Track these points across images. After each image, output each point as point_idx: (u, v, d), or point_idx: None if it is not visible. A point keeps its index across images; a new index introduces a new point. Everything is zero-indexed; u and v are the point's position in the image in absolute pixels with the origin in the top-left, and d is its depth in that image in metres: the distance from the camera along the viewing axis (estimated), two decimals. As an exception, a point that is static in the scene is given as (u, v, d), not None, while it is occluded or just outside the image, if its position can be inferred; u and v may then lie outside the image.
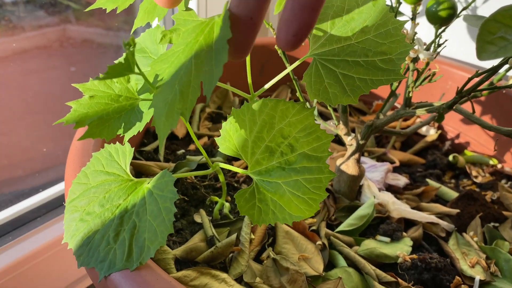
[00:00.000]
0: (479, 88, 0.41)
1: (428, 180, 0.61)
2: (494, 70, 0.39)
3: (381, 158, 0.66)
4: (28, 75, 0.77)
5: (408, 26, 0.57)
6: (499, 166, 0.64)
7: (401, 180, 0.60)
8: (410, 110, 0.48)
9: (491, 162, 0.65)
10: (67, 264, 0.73)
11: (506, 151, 0.64)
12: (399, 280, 0.43)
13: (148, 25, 0.45)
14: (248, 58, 0.38)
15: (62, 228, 0.38)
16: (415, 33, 0.45)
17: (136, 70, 0.29)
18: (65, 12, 0.82)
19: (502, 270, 0.47)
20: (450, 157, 0.65)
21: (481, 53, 0.25)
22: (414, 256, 0.46)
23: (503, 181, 0.61)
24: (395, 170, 0.64)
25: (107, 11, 0.39)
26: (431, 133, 0.70)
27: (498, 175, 0.63)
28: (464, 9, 0.49)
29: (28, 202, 0.73)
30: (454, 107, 0.45)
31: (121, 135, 0.38)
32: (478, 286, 0.45)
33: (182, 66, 0.28)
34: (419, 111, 0.46)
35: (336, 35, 0.35)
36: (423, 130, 0.71)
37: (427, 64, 0.47)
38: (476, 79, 0.57)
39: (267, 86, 0.38)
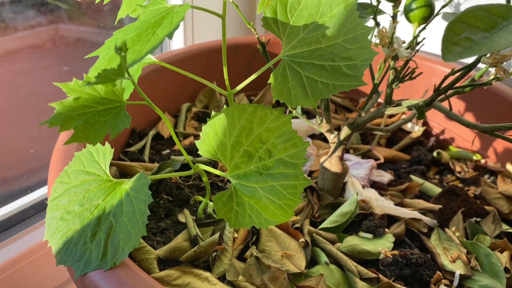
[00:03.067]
0: (456, 85, 0.42)
1: (412, 176, 0.62)
2: (468, 67, 0.39)
3: (366, 155, 0.67)
4: (21, 75, 0.77)
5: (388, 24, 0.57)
6: (482, 161, 0.65)
7: (385, 177, 0.61)
8: (390, 107, 0.48)
9: (474, 158, 0.65)
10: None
11: (489, 146, 0.65)
12: (380, 276, 0.44)
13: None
14: (224, 56, 0.38)
15: None
16: (394, 31, 0.45)
17: (127, 75, 0.30)
18: (57, 11, 0.81)
19: (482, 265, 0.47)
20: (435, 153, 0.65)
21: (446, 54, 0.26)
22: (396, 252, 0.47)
23: (486, 176, 0.62)
24: (380, 166, 0.65)
25: (96, 2, 0.40)
26: (416, 130, 0.70)
27: (481, 170, 0.63)
28: (443, 6, 0.50)
29: (17, 203, 0.73)
30: (432, 104, 0.45)
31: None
32: (458, 280, 0.46)
33: (127, 38, 0.31)
34: (399, 109, 0.47)
35: (308, 38, 0.36)
36: (408, 126, 0.72)
37: (407, 62, 0.47)
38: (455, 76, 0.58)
39: (242, 84, 0.38)
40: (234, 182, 0.37)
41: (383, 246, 0.48)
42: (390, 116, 0.73)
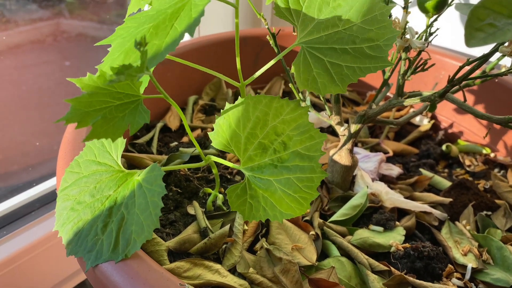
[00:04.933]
0: (470, 76, 0.41)
1: (421, 169, 0.61)
2: (484, 58, 0.39)
3: (374, 149, 0.66)
4: (22, 69, 0.77)
5: (400, 15, 0.57)
6: (492, 155, 0.65)
7: (395, 170, 0.61)
8: (402, 100, 0.48)
9: (484, 151, 0.65)
10: (63, 257, 0.72)
11: (499, 140, 0.64)
12: (392, 268, 0.44)
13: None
14: (237, 47, 0.38)
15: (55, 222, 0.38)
16: (407, 22, 0.44)
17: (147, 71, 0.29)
18: (58, 6, 0.81)
19: (494, 258, 0.47)
20: (443, 147, 0.65)
21: (470, 40, 0.25)
22: (407, 245, 0.46)
23: (496, 170, 0.62)
24: (389, 160, 0.64)
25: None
26: (425, 123, 0.70)
27: (491, 164, 0.63)
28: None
29: (22, 196, 0.73)
30: (445, 96, 0.45)
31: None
32: (470, 274, 0.45)
33: (142, 29, 0.30)
34: (411, 101, 0.46)
35: (324, 22, 0.35)
36: (417, 120, 0.71)
37: (419, 53, 0.47)
38: (468, 68, 0.58)
39: (256, 74, 0.38)
40: (248, 174, 0.37)
41: (394, 239, 0.47)
42: (398, 110, 0.72)
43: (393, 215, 0.51)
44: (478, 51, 0.71)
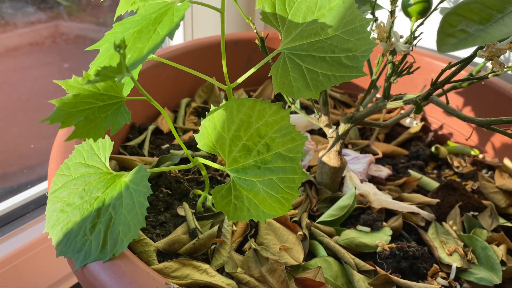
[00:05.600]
0: (452, 79, 0.42)
1: (410, 171, 0.62)
2: (465, 61, 0.39)
3: (364, 150, 0.67)
4: (21, 72, 0.77)
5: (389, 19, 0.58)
6: (480, 156, 0.65)
7: (384, 171, 0.61)
8: (388, 102, 0.48)
9: (472, 153, 0.66)
10: (58, 259, 0.73)
11: (487, 141, 0.65)
12: (378, 268, 0.44)
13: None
14: (223, 52, 0.39)
15: None
16: (392, 26, 0.45)
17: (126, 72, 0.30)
18: (56, 8, 0.82)
19: (479, 258, 0.48)
20: (433, 148, 0.66)
21: (441, 46, 0.26)
22: (393, 245, 0.47)
23: (484, 171, 0.63)
24: (379, 161, 0.65)
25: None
26: (415, 125, 0.71)
27: (479, 165, 0.64)
28: (441, 1, 0.50)
29: (18, 198, 0.74)
30: (430, 99, 0.45)
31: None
32: (455, 273, 0.46)
33: (128, 34, 0.31)
34: (396, 103, 0.47)
35: (307, 30, 0.36)
36: (407, 122, 0.72)
37: (404, 56, 0.48)
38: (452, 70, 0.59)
39: (240, 79, 0.39)
40: (233, 175, 0.38)
41: (381, 239, 0.48)
42: (389, 111, 0.73)
43: (381, 216, 0.52)
44: (466, 53, 0.72)
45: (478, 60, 0.67)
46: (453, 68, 0.42)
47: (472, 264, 0.47)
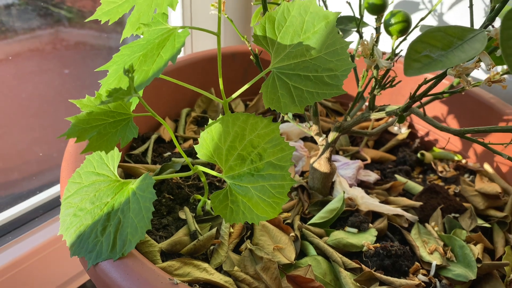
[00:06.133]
0: (430, 92, 0.46)
1: (397, 175, 0.66)
2: (439, 78, 0.44)
3: (355, 156, 0.71)
4: (21, 78, 0.78)
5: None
6: (463, 161, 0.69)
7: (372, 176, 0.65)
8: (372, 113, 0.53)
9: (456, 158, 0.70)
10: (65, 261, 0.77)
11: (470, 147, 0.69)
12: (363, 266, 0.48)
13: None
14: (219, 68, 0.43)
15: (59, 227, 0.43)
16: (374, 44, 0.49)
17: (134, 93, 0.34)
18: (57, 14, 0.82)
19: (457, 256, 0.52)
20: (418, 154, 0.70)
21: (408, 70, 0.30)
22: (377, 244, 0.51)
23: (466, 175, 0.67)
24: (368, 167, 0.69)
25: (102, 22, 0.44)
26: (402, 132, 0.75)
27: (462, 169, 0.68)
28: (421, 20, 0.54)
29: (27, 203, 0.78)
30: (410, 110, 0.50)
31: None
32: (434, 270, 0.50)
33: (134, 57, 0.35)
34: (379, 114, 0.51)
35: (294, 51, 0.40)
36: (395, 129, 0.76)
37: (387, 71, 0.52)
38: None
39: (235, 95, 0.43)
40: (229, 182, 0.42)
41: (367, 239, 0.52)
42: (377, 120, 0.77)
43: (367, 218, 0.56)
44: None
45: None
46: (429, 83, 0.46)
47: (450, 261, 0.51)
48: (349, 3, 0.54)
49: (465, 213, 0.59)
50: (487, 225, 0.57)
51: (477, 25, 0.41)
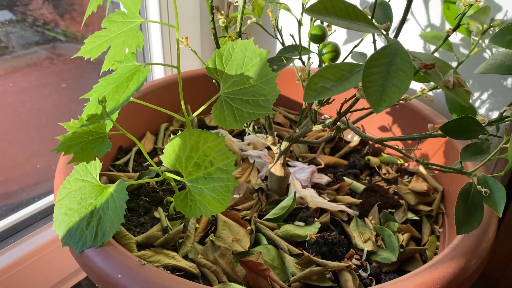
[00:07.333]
0: (352, 109, 0.57)
1: (345, 178, 0.77)
2: (357, 99, 0.54)
3: (312, 162, 0.82)
4: (20, 93, 0.82)
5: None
6: (406, 165, 0.80)
7: (324, 179, 0.76)
8: (315, 125, 0.63)
9: (399, 162, 0.80)
10: (61, 261, 0.87)
11: (411, 153, 0.80)
12: (304, 252, 0.59)
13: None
14: (180, 92, 0.53)
15: (55, 231, 0.53)
16: (310, 70, 0.60)
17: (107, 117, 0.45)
18: (54, 30, 0.87)
19: (385, 243, 0.62)
20: (366, 159, 0.80)
21: (306, 97, 0.41)
22: (318, 234, 0.61)
23: (406, 177, 0.77)
24: (322, 171, 0.80)
25: (85, 59, 0.55)
26: (354, 140, 0.86)
27: (403, 172, 0.78)
28: (350, 52, 0.65)
29: (26, 210, 0.88)
30: (348, 125, 0.60)
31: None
32: (366, 255, 0.60)
33: (109, 88, 0.45)
34: (317, 127, 0.62)
35: (238, 80, 0.51)
36: (348, 137, 0.87)
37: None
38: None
39: (194, 115, 0.53)
40: (189, 185, 0.52)
41: (310, 231, 0.62)
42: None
43: (315, 214, 0.66)
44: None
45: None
46: (351, 100, 0.57)
47: (380, 248, 0.62)
48: (292, 36, 0.65)
49: (400, 208, 0.69)
50: (416, 218, 0.67)
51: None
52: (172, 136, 0.53)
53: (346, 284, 0.55)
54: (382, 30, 0.43)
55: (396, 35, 0.47)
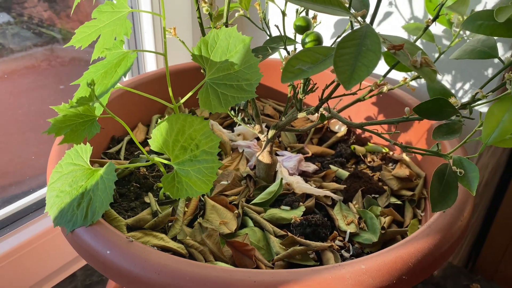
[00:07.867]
0: (333, 96, 0.59)
1: (332, 166, 0.79)
2: (338, 84, 0.57)
3: (300, 151, 0.84)
4: (18, 95, 0.83)
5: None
6: (391, 153, 0.82)
7: (311, 167, 0.78)
8: (300, 113, 0.65)
9: (384, 151, 0.83)
10: (57, 251, 0.89)
11: (396, 140, 0.82)
12: (289, 234, 0.61)
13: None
14: (168, 81, 0.56)
15: (51, 221, 0.55)
16: (294, 58, 0.62)
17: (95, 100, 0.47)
18: (52, 32, 0.88)
19: (368, 225, 0.65)
20: (352, 148, 0.83)
21: (284, 79, 0.43)
22: (302, 217, 0.63)
23: (390, 164, 0.79)
24: (310, 159, 0.82)
25: (76, 48, 0.57)
26: (342, 130, 0.88)
27: (387, 160, 0.81)
28: (336, 39, 0.68)
29: (21, 202, 0.90)
30: (332, 113, 0.62)
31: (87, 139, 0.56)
32: (348, 237, 0.63)
33: (98, 74, 0.47)
34: (302, 114, 0.64)
35: (222, 66, 0.53)
36: (336, 128, 0.89)
37: (307, 80, 0.65)
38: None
39: (182, 101, 0.56)
40: (176, 167, 0.55)
41: (295, 214, 0.65)
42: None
43: (299, 199, 0.68)
44: (380, 72, 0.89)
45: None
46: (331, 87, 0.59)
47: (362, 230, 0.64)
48: (277, 26, 0.67)
49: (384, 194, 0.72)
50: (399, 202, 0.70)
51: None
52: (159, 121, 0.55)
53: (328, 263, 0.57)
54: (356, 15, 0.45)
55: (372, 21, 0.50)
